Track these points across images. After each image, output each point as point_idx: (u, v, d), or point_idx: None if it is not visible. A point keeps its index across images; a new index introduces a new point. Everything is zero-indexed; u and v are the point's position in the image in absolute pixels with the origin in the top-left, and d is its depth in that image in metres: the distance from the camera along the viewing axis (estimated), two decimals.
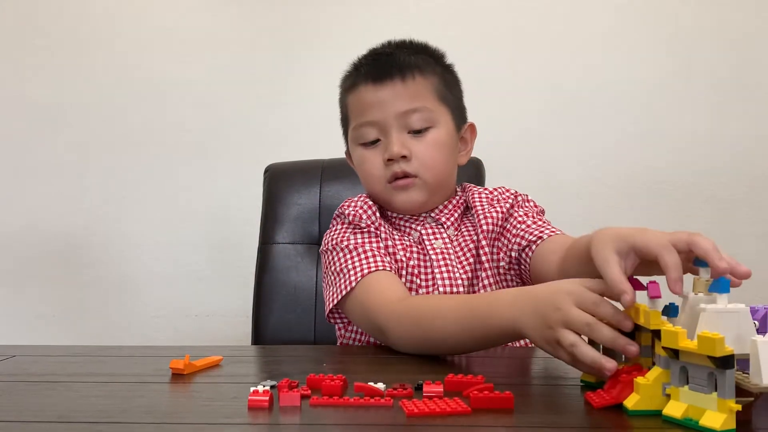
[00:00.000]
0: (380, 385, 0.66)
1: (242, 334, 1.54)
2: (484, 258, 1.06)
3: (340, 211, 1.11)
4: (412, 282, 1.06)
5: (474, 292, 1.05)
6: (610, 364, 0.62)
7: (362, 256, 1.02)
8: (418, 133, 1.05)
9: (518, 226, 1.04)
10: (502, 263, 1.06)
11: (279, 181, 1.42)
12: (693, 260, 0.63)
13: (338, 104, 1.16)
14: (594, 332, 0.64)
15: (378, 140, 1.06)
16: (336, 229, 1.09)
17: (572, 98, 1.77)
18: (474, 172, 1.37)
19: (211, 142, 1.85)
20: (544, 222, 1.06)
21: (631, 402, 0.58)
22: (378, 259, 1.02)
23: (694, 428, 0.53)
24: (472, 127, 1.16)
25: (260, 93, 1.84)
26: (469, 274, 1.05)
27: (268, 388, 0.64)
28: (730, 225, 1.74)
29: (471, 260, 1.06)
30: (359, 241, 1.05)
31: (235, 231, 1.82)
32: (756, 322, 0.62)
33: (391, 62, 1.06)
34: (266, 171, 1.45)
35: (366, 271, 0.99)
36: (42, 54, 1.89)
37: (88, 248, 1.87)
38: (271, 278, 1.36)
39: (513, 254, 1.04)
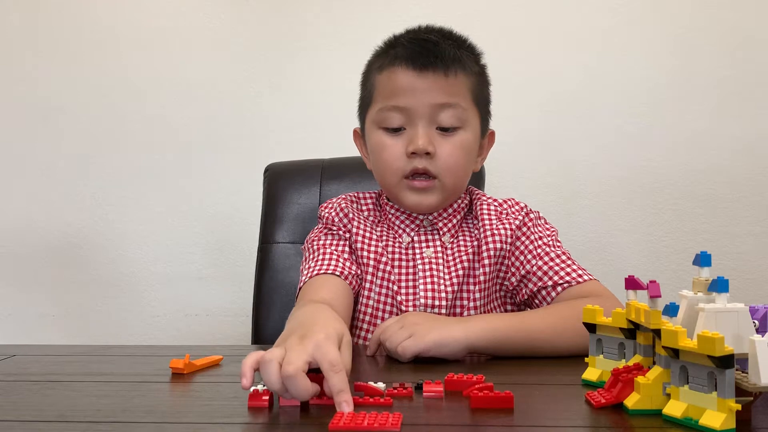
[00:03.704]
0: (380, 385, 0.66)
1: (242, 334, 1.54)
2: (480, 273, 1.01)
3: (319, 212, 1.12)
4: (389, 288, 1.03)
5: (459, 306, 1.02)
6: (245, 381, 0.61)
7: (320, 257, 1.02)
8: (445, 131, 1.00)
9: (544, 257, 1.00)
10: (506, 283, 1.03)
11: (279, 181, 1.42)
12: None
13: (362, 79, 1.09)
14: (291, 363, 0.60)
15: (402, 128, 1.00)
16: (314, 229, 1.11)
17: (572, 98, 1.77)
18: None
19: (211, 141, 1.85)
20: (567, 261, 1.00)
21: (631, 401, 0.58)
22: (333, 262, 1.01)
23: (694, 428, 0.53)
24: (492, 134, 1.11)
25: (260, 93, 1.84)
26: (455, 288, 1.01)
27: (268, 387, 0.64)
28: (729, 224, 1.74)
29: (461, 273, 1.01)
30: (326, 242, 1.06)
31: (235, 231, 1.82)
32: (756, 321, 0.62)
33: (437, 52, 0.99)
34: (266, 171, 1.45)
35: (315, 272, 1.00)
36: (42, 54, 1.89)
37: (88, 248, 1.87)
38: (271, 278, 1.36)
39: (531, 286, 1.00)
